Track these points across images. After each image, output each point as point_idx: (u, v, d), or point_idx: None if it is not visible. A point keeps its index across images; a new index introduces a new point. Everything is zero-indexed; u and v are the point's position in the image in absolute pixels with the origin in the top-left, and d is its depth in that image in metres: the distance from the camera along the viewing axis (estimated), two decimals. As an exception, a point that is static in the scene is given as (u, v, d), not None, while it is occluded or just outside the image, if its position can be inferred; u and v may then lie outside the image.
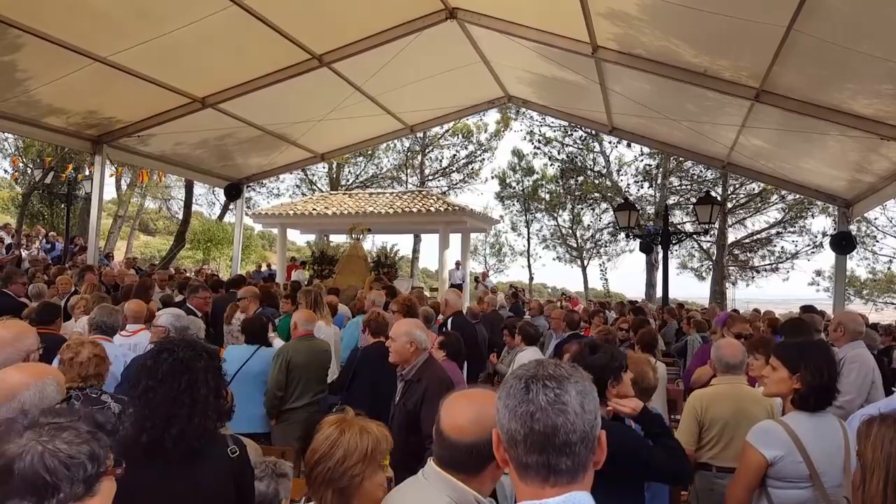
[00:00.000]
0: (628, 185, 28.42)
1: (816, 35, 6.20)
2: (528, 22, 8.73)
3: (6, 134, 25.43)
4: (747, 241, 27.95)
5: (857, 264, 26.35)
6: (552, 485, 1.23)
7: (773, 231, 27.19)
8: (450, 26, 9.44)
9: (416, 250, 32.60)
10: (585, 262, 32.30)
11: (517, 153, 33.16)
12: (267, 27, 8.56)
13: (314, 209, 19.36)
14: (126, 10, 7.77)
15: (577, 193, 30.68)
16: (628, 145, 26.77)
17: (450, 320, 6.98)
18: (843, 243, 11.17)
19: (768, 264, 27.73)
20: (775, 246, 27.55)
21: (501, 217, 30.68)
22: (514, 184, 33.40)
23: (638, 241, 14.95)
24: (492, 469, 1.75)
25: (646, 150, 26.01)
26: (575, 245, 32.34)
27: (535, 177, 32.86)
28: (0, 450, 1.34)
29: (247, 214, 19.47)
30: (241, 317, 6.44)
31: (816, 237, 25.87)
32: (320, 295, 7.00)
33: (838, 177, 10.39)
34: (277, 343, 5.78)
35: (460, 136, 32.44)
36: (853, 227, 12.85)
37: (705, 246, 28.13)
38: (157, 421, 2.21)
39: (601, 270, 31.73)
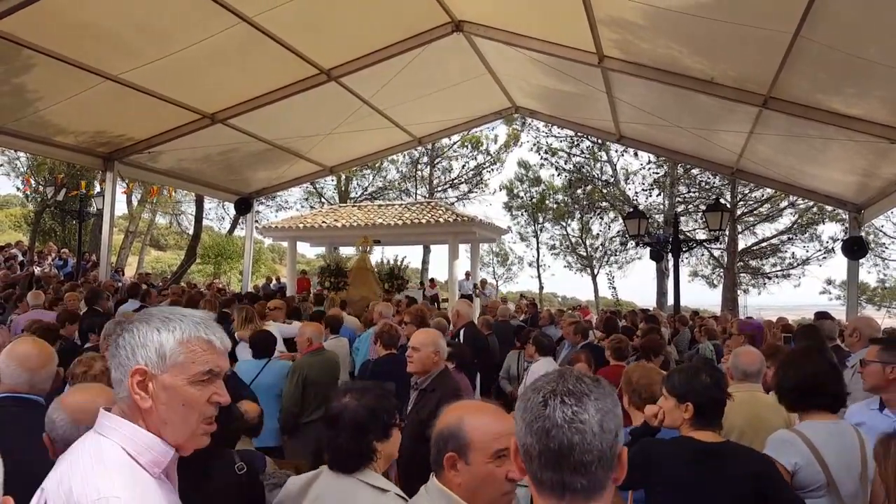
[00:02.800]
0: (636, 193, 28.40)
1: (823, 41, 6.20)
2: (534, 33, 8.78)
3: (18, 152, 25.73)
4: (757, 247, 27.81)
5: (867, 271, 26.19)
6: (568, 501, 1.20)
7: (785, 237, 27.05)
8: (456, 39, 9.50)
9: (425, 261, 32.65)
10: (595, 271, 32.23)
11: (524, 164, 33.27)
12: (275, 43, 8.65)
13: (324, 222, 19.43)
14: (136, 29, 7.86)
15: (585, 203, 30.67)
16: (635, 154, 26.77)
17: (462, 331, 6.96)
18: (856, 248, 11.08)
19: (780, 270, 27.57)
20: (786, 252, 27.41)
21: (509, 227, 30.83)
22: (521, 194, 33.46)
23: (648, 249, 14.90)
24: (447, 474, 1.78)
25: (653, 158, 26.00)
26: (585, 254, 32.27)
27: (542, 187, 32.89)
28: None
29: (256, 228, 19.58)
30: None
31: (827, 243, 25.74)
32: (252, 310, 6.84)
33: (848, 182, 10.33)
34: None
35: (469, 146, 32.57)
36: (862, 233, 12.76)
37: (716, 253, 28.00)
38: None
39: (609, 280, 31.64)
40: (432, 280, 23.96)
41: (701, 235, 21.39)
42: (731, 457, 2.55)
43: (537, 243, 33.78)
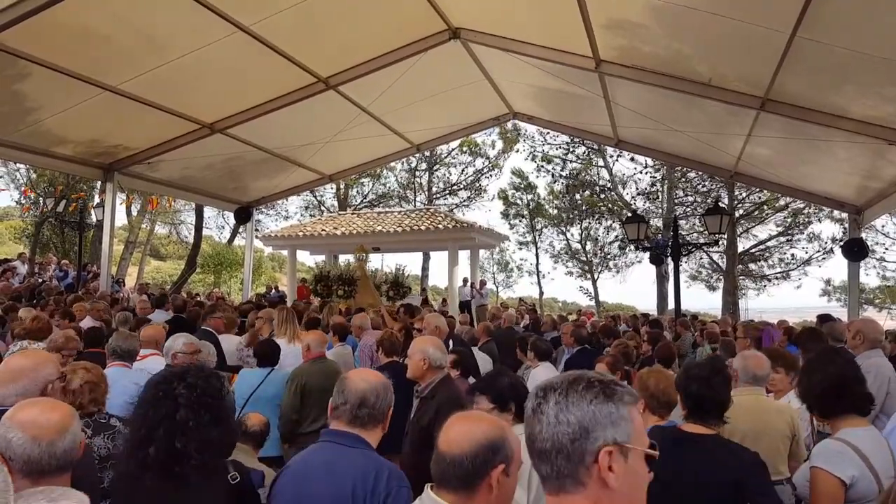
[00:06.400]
0: (633, 197, 28.39)
1: (820, 41, 6.22)
2: (531, 39, 8.80)
3: (18, 164, 25.76)
4: (756, 250, 27.76)
5: (866, 273, 26.07)
6: (547, 491, 1.28)
7: (783, 239, 27.00)
8: (453, 46, 9.54)
9: (425, 268, 32.60)
10: (595, 276, 32.19)
11: (518, 172, 33.28)
12: (273, 52, 8.67)
13: (323, 230, 19.42)
14: (133, 37, 7.88)
15: (583, 208, 30.67)
16: (631, 159, 26.80)
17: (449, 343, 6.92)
18: (856, 250, 11.08)
19: (779, 272, 27.50)
20: (785, 254, 27.35)
21: (507, 238, 30.84)
22: (518, 201, 33.42)
23: (647, 253, 14.91)
24: (485, 489, 1.69)
25: (650, 162, 26.02)
26: (584, 259, 32.23)
27: (538, 191, 32.87)
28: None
29: (256, 237, 19.57)
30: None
31: (826, 244, 25.67)
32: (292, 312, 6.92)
33: (848, 183, 10.34)
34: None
35: (467, 153, 32.58)
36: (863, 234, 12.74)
37: (715, 256, 27.95)
38: (136, 443, 2.24)
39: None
40: (444, 299, 23.64)
41: (700, 239, 21.37)
42: (711, 449, 2.63)
43: (536, 249, 33.77)
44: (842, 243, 12.37)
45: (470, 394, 3.03)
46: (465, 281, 20.05)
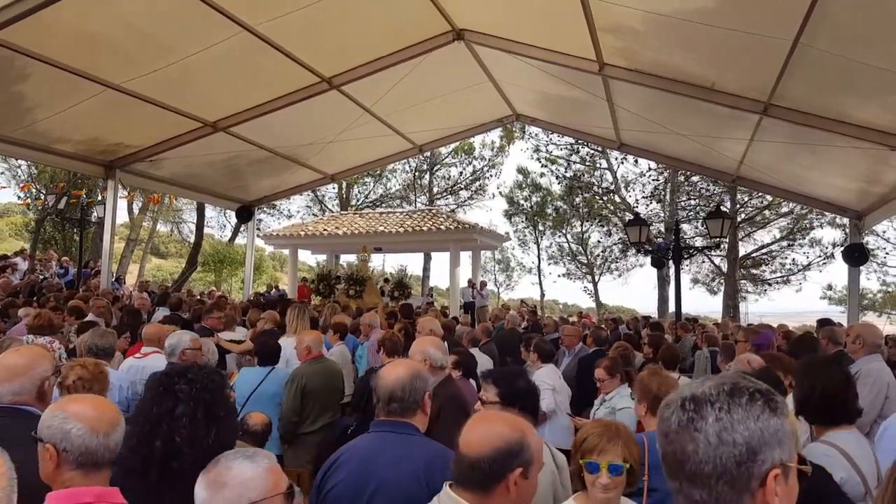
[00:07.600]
0: (637, 200, 28.40)
1: (823, 48, 6.22)
2: (535, 41, 8.81)
3: (19, 161, 25.78)
4: (757, 254, 27.76)
5: (867, 277, 26.08)
6: None
7: (784, 243, 27.02)
8: (457, 47, 9.53)
9: (426, 269, 32.63)
10: (596, 278, 32.19)
11: (523, 171, 33.26)
12: (277, 52, 8.67)
13: (325, 230, 19.45)
14: (139, 39, 7.88)
15: (584, 210, 30.67)
16: (635, 162, 26.80)
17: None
18: (856, 255, 11.08)
19: (780, 276, 27.51)
20: (786, 258, 27.36)
21: (507, 234, 30.90)
22: (522, 201, 33.44)
23: (649, 256, 14.93)
24: (501, 491, 1.72)
25: (653, 166, 26.04)
26: (585, 261, 32.24)
27: (542, 193, 32.84)
28: None
29: (258, 236, 19.59)
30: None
31: (827, 248, 25.69)
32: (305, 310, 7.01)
33: (849, 188, 10.34)
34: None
35: (463, 154, 32.59)
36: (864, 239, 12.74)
37: (716, 260, 27.96)
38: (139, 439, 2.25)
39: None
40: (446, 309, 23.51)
41: (701, 242, 21.36)
42: None
43: (538, 250, 33.79)
44: (842, 248, 12.37)
45: (482, 378, 3.03)
46: (469, 283, 20.09)
